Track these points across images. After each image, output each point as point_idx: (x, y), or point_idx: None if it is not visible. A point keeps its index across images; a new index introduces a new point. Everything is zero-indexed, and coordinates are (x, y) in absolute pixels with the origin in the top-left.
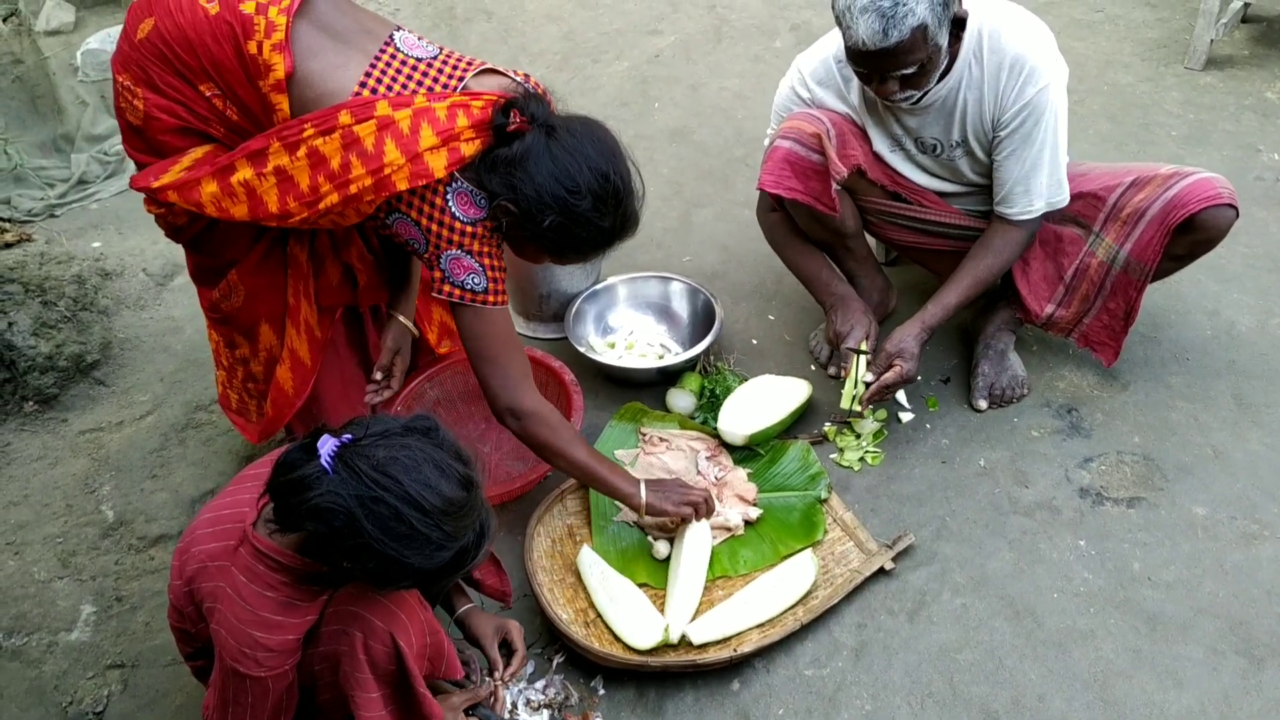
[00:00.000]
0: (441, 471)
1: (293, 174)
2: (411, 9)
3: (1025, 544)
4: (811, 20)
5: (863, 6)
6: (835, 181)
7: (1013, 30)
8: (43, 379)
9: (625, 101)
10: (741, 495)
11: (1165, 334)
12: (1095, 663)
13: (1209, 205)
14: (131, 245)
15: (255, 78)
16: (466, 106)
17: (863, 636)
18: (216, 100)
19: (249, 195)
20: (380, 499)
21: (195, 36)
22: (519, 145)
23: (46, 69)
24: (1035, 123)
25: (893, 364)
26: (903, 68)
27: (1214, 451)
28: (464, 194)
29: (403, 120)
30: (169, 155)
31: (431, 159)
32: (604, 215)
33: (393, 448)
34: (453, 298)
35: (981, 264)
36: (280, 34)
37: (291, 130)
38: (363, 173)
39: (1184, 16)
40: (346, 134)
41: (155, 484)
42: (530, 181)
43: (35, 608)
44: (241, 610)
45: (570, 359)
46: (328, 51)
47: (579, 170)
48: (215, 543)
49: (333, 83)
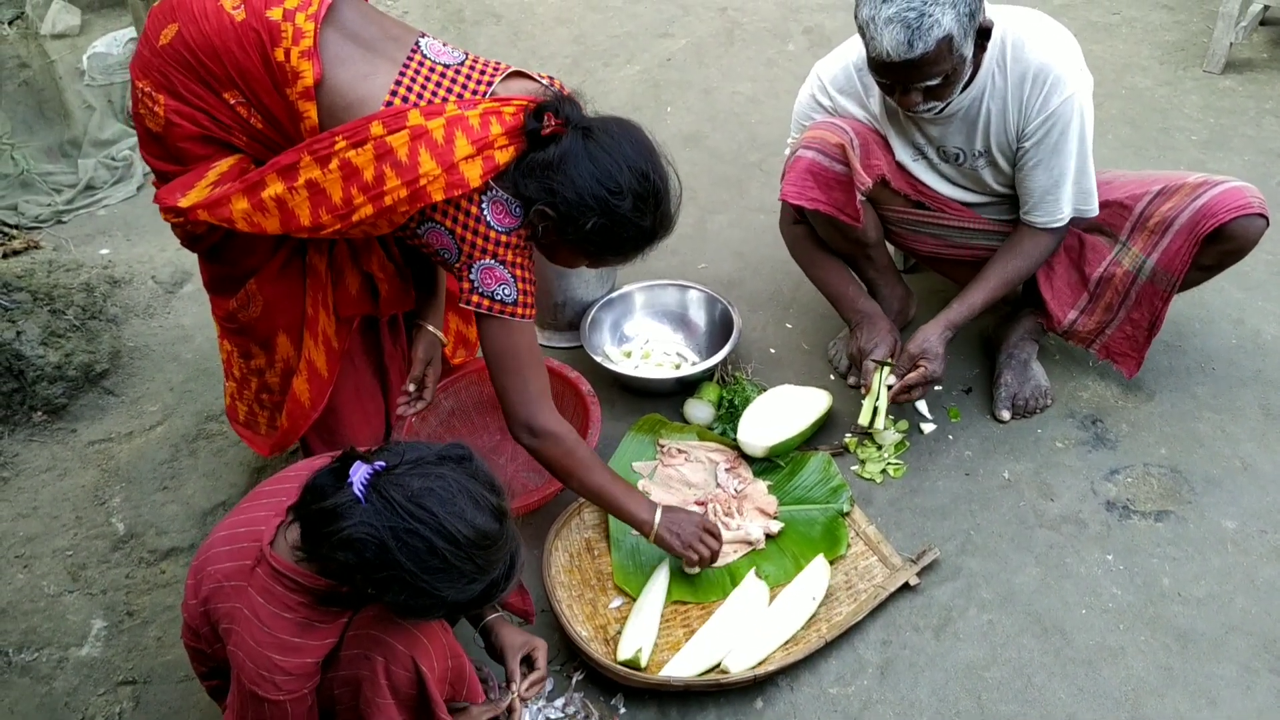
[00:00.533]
0: (476, 503)
1: (325, 187)
2: (420, 12)
3: (1052, 558)
4: (824, 23)
5: (887, 17)
6: (860, 192)
7: (1037, 40)
8: (51, 389)
9: (637, 106)
10: (762, 508)
11: (1190, 343)
12: (1126, 681)
13: (1239, 215)
14: (140, 252)
15: (282, 85)
16: (499, 113)
17: (888, 654)
18: (241, 108)
19: (280, 209)
20: (415, 531)
21: (221, 43)
22: (555, 149)
23: (53, 73)
24: (1061, 132)
25: (917, 364)
26: (927, 79)
27: (1242, 463)
28: (499, 202)
29: (436, 130)
30: (189, 163)
31: (467, 168)
32: (645, 215)
33: (427, 477)
34: (480, 308)
35: (1010, 265)
36: (308, 40)
37: (323, 143)
38: (398, 184)
39: (1201, 19)
40: (379, 145)
41: (166, 496)
42: (571, 184)
43: (45, 622)
44: (259, 632)
45: (586, 368)
46: (356, 60)
47: (619, 170)
48: (231, 562)
49: (362, 91)
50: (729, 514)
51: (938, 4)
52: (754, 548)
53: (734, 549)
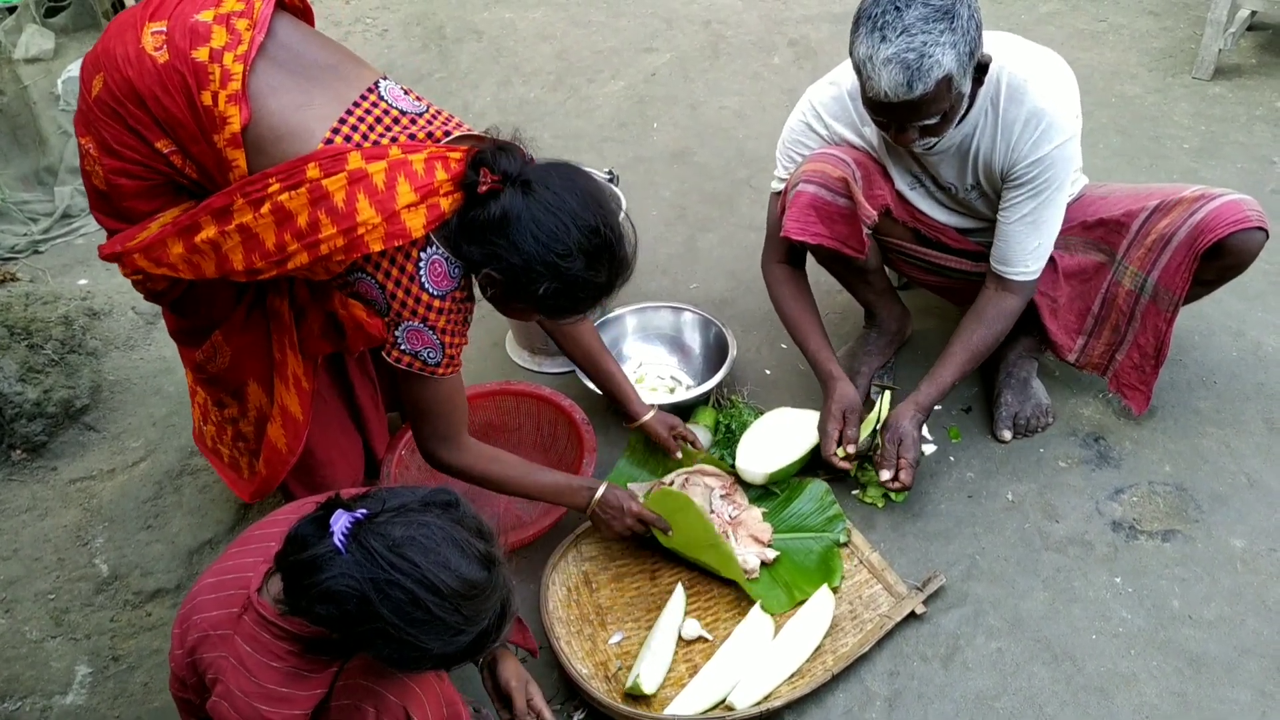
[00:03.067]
0: (461, 551)
1: (258, 232)
2: (400, 29)
3: (1059, 582)
4: (809, 35)
5: (886, 57)
6: (865, 226)
7: (1038, 82)
8: (30, 426)
9: (623, 122)
10: (756, 536)
11: (1191, 356)
12: (1140, 709)
13: (1238, 229)
14: (119, 282)
15: (210, 131)
16: (445, 159)
17: (896, 685)
18: (174, 157)
19: (215, 252)
20: (396, 582)
21: (144, 88)
22: (495, 206)
23: (26, 98)
24: (1049, 178)
25: (899, 458)
26: (925, 119)
27: (1248, 479)
28: (438, 261)
29: (377, 174)
30: (138, 220)
31: (409, 217)
32: (599, 271)
33: (410, 525)
34: (401, 363)
35: (975, 335)
36: (236, 84)
37: (256, 185)
38: (334, 232)
39: (1189, 25)
40: (314, 188)
41: (150, 535)
42: (516, 250)
43: (27, 669)
44: (246, 682)
45: (579, 394)
46: (289, 89)
47: (565, 230)
48: (218, 610)
49: (294, 123)
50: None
51: (938, 44)
52: (749, 576)
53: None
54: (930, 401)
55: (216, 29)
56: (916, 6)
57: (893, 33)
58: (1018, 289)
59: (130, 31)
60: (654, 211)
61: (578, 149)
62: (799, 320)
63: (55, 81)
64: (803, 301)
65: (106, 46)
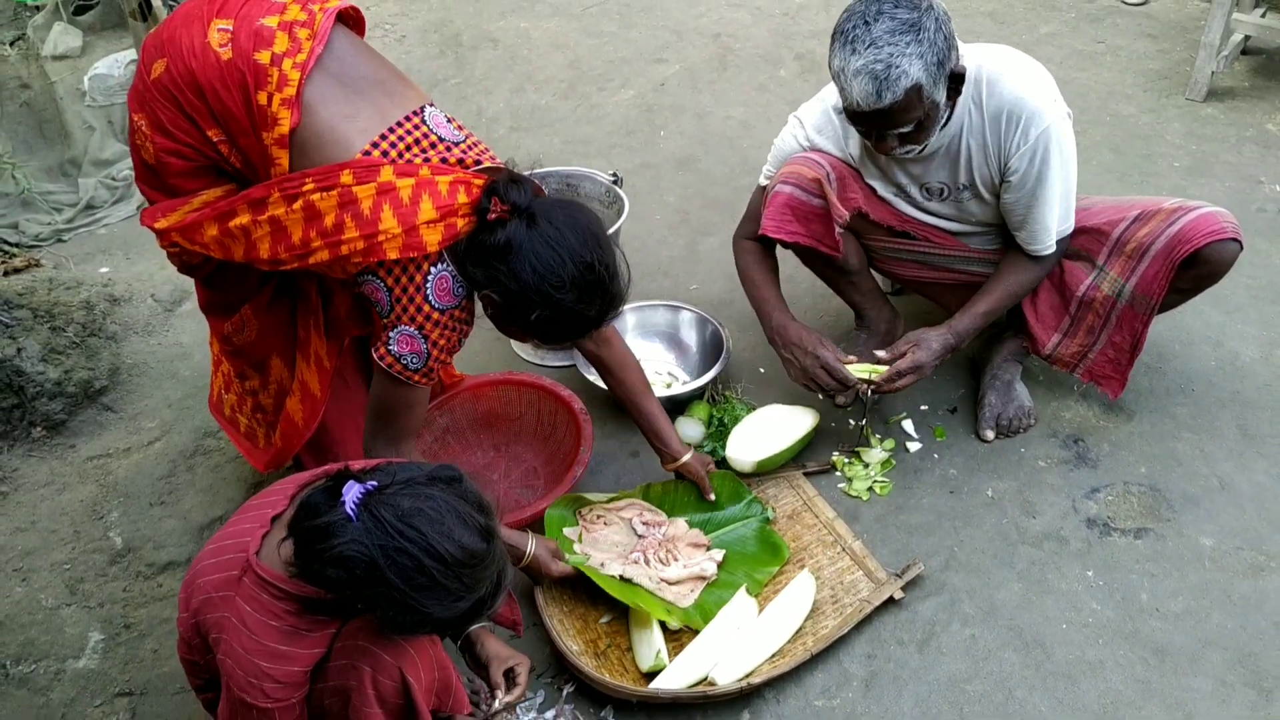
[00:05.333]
0: (464, 523)
1: (286, 225)
2: (418, 36)
3: (1034, 574)
4: (815, 50)
5: (856, 69)
6: (838, 224)
7: (1011, 75)
8: (51, 405)
9: (631, 130)
10: (694, 543)
11: (1170, 365)
12: (1104, 694)
13: (1213, 240)
14: (139, 270)
15: (260, 128)
16: (468, 184)
17: (872, 667)
18: (222, 146)
19: (245, 238)
20: (403, 549)
21: (205, 80)
22: (501, 234)
23: (53, 94)
24: (1044, 163)
25: (904, 353)
26: (899, 126)
27: (1220, 482)
28: (445, 277)
29: (404, 189)
30: (181, 195)
31: (427, 233)
32: (590, 305)
33: (417, 498)
34: (384, 361)
35: (1012, 278)
36: (291, 89)
37: (293, 183)
38: (355, 235)
39: (1185, 48)
40: (345, 193)
41: (163, 511)
42: (514, 277)
43: (43, 635)
44: (247, 640)
45: (579, 387)
46: (338, 100)
47: (561, 264)
48: (219, 573)
49: (339, 133)
50: (672, 558)
51: (904, 55)
52: (709, 580)
53: (690, 588)
54: (964, 329)
55: (280, 35)
56: (884, 20)
57: (862, 45)
58: (1040, 260)
59: (197, 24)
60: (658, 215)
61: (586, 154)
62: (758, 280)
63: (81, 78)
64: (765, 266)
65: (172, 34)
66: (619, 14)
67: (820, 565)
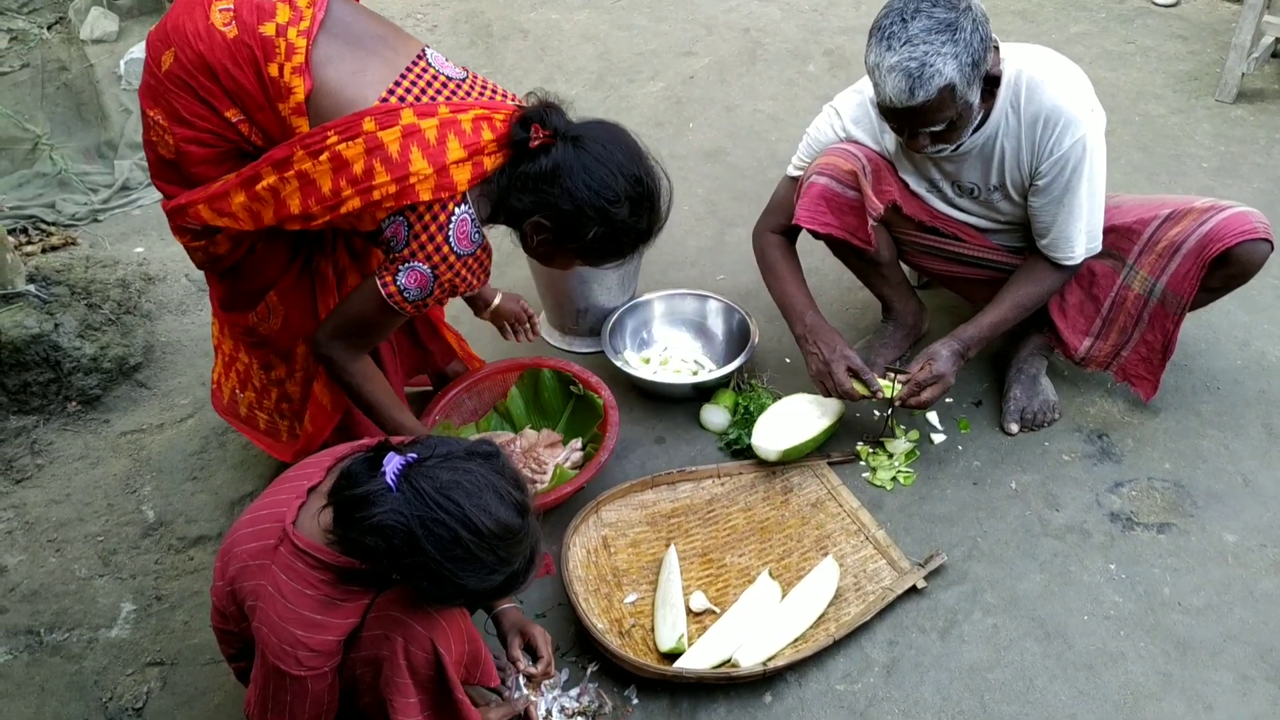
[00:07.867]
0: (500, 498)
1: (315, 178)
2: (449, 25)
3: (1056, 566)
4: (844, 45)
5: (890, 65)
6: (871, 218)
7: (1052, 82)
8: (87, 380)
9: (660, 122)
10: (550, 443)
11: (1196, 363)
12: (1125, 685)
13: (1244, 239)
14: (174, 251)
15: (275, 100)
16: (490, 120)
17: (894, 653)
18: (242, 125)
19: (274, 198)
20: (441, 521)
21: (215, 61)
22: (547, 160)
23: (91, 76)
24: (1074, 172)
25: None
26: (931, 125)
27: (1244, 480)
28: (466, 220)
29: (429, 130)
30: (203, 183)
31: (457, 172)
32: (640, 218)
33: (456, 471)
34: (386, 291)
35: (1022, 290)
36: (300, 57)
37: (314, 138)
38: (387, 179)
39: (1215, 50)
40: (370, 139)
41: (195, 486)
42: (568, 196)
43: (76, 604)
44: (283, 608)
45: (606, 373)
46: (345, 58)
47: (614, 179)
48: (256, 542)
49: (351, 90)
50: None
51: (939, 54)
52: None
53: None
54: (969, 337)
55: (280, 6)
56: (921, 19)
57: (898, 42)
58: (1063, 269)
59: (199, 9)
60: (686, 207)
61: None
62: (785, 274)
63: (118, 61)
64: (791, 260)
65: (176, 23)
66: (649, 7)
67: (844, 553)
